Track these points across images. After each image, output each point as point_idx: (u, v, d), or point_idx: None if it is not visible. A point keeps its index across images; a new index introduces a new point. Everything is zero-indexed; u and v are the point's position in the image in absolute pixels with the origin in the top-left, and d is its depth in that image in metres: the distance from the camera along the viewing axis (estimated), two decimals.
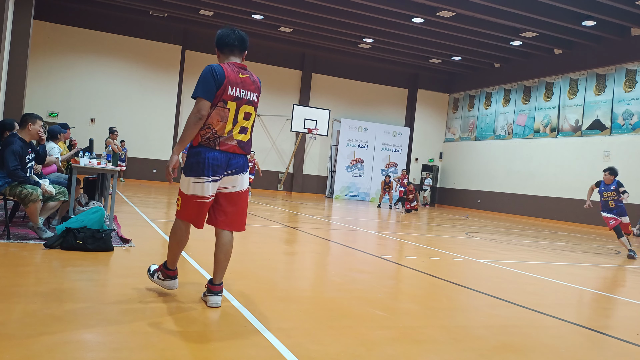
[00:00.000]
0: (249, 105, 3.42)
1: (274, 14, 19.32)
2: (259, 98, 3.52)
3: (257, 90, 3.50)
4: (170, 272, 3.61)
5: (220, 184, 3.38)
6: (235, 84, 3.36)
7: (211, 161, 3.30)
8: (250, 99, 3.43)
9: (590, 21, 17.31)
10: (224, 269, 3.48)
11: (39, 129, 5.54)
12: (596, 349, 3.44)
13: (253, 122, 3.51)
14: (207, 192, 3.34)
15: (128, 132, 21.08)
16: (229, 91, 3.32)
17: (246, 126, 3.43)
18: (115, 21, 21.31)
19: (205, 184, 3.32)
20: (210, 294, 3.44)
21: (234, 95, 3.35)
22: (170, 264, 3.59)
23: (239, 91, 3.37)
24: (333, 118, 25.06)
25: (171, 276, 3.61)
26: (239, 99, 3.37)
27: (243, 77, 3.40)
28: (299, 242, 7.72)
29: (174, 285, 3.64)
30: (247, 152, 3.47)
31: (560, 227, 17.25)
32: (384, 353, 2.85)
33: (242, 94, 3.38)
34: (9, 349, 2.41)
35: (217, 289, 3.44)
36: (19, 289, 3.51)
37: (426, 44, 21.68)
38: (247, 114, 3.42)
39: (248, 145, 3.47)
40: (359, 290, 4.47)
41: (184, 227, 3.51)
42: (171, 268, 3.60)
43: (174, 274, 3.61)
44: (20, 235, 5.41)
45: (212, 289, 3.44)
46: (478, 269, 6.40)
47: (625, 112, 18.00)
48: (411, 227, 12.30)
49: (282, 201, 17.85)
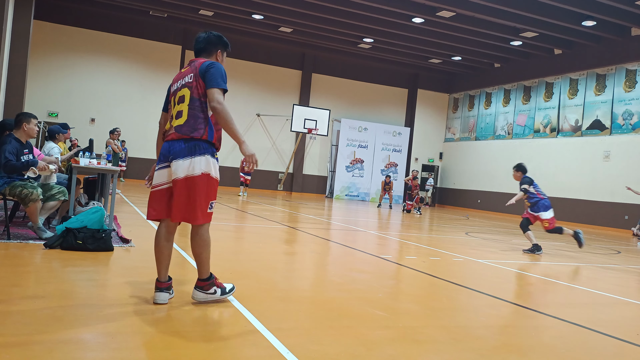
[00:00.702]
0: (181, 90, 3.39)
1: (274, 14, 19.33)
2: (196, 76, 3.34)
3: (193, 71, 3.38)
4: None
5: (172, 172, 3.32)
6: (175, 80, 3.48)
7: (160, 150, 3.44)
8: (183, 83, 3.39)
9: (590, 21, 17.31)
10: (198, 264, 3.44)
11: (34, 127, 5.54)
12: (596, 349, 3.44)
13: (192, 101, 3.33)
14: (155, 179, 3.40)
15: (128, 132, 21.08)
16: (170, 90, 3.50)
17: (181, 109, 3.35)
18: (115, 21, 21.32)
19: (155, 171, 3.43)
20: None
21: (172, 91, 3.48)
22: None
23: (174, 84, 3.46)
24: (333, 118, 25.06)
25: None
26: (175, 90, 3.44)
27: (183, 70, 3.47)
28: (299, 242, 7.71)
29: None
30: (187, 135, 3.28)
31: None
32: (384, 353, 2.85)
33: (177, 85, 3.43)
34: (8, 349, 2.41)
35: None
36: (19, 289, 3.51)
37: (426, 44, 21.68)
38: (181, 98, 3.37)
39: (186, 127, 3.30)
40: (359, 290, 4.47)
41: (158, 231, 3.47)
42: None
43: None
44: (20, 235, 5.41)
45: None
46: (478, 269, 6.40)
47: (625, 112, 18.00)
48: (411, 227, 12.30)
49: (282, 201, 17.85)
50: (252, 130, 23.71)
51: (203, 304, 3.44)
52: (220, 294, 3.51)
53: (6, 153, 5.19)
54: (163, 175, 3.36)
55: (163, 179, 3.36)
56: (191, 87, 3.34)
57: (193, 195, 3.27)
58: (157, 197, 3.38)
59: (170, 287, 3.48)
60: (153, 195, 3.39)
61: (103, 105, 21.24)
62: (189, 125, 3.29)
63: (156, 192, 3.38)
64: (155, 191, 3.39)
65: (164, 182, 3.36)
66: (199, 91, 3.33)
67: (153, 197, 3.39)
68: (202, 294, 3.44)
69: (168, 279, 3.44)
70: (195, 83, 3.33)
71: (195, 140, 3.28)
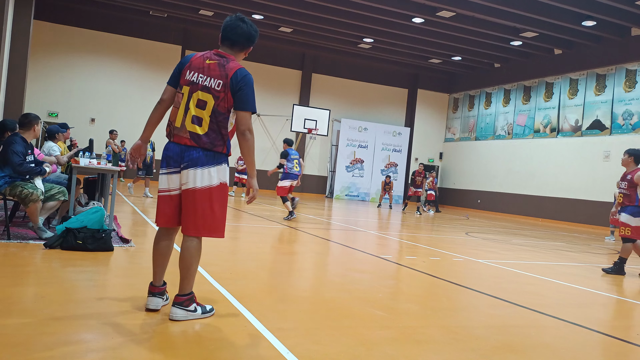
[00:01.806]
0: (204, 92, 3.06)
1: (274, 14, 19.33)
2: (225, 87, 3.04)
3: (222, 78, 3.05)
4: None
5: (182, 179, 3.13)
6: (196, 68, 3.11)
7: (165, 152, 3.16)
8: (207, 85, 3.06)
9: (590, 21, 17.31)
10: (184, 277, 3.14)
11: (40, 128, 5.71)
12: (596, 349, 3.44)
13: (215, 114, 3.06)
14: (162, 184, 3.16)
15: (128, 132, 21.06)
16: (186, 75, 3.12)
17: (200, 116, 3.06)
18: (115, 21, 21.32)
19: (161, 175, 3.18)
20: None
21: (189, 79, 3.10)
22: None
23: (197, 76, 3.09)
24: (333, 118, 25.05)
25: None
26: (194, 84, 3.08)
27: (210, 63, 3.11)
28: (299, 242, 7.71)
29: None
30: (203, 146, 3.06)
31: (560, 227, 17.25)
32: (384, 353, 2.85)
33: (198, 79, 3.08)
34: (8, 349, 2.41)
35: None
36: (19, 289, 3.51)
37: (426, 44, 21.67)
38: (202, 102, 3.05)
39: (206, 139, 3.06)
40: (359, 290, 4.47)
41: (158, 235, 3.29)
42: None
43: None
44: (20, 235, 5.41)
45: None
46: (478, 269, 6.40)
47: (625, 112, 17.99)
48: (411, 227, 12.30)
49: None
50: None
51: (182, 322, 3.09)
52: (200, 313, 3.17)
53: (19, 154, 5.22)
54: (174, 181, 3.14)
55: (174, 184, 3.14)
56: (217, 97, 3.05)
57: (212, 206, 3.09)
58: (166, 202, 3.17)
59: (164, 293, 3.30)
60: (161, 200, 3.17)
61: (103, 105, 21.24)
62: (210, 139, 3.07)
63: (165, 197, 3.16)
64: (164, 196, 3.17)
65: (175, 187, 3.14)
66: (226, 105, 3.07)
67: (161, 201, 3.17)
68: (182, 312, 3.09)
69: (163, 283, 3.28)
70: (224, 95, 3.05)
71: (214, 151, 3.10)
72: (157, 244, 3.26)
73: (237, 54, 3.24)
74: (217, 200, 3.12)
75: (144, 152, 3.31)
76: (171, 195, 3.16)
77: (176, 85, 3.18)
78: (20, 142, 5.32)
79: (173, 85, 3.19)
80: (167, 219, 3.18)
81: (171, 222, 3.19)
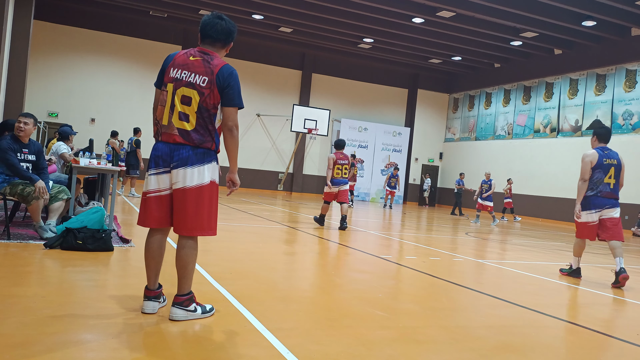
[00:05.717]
0: (188, 88, 3.03)
1: (274, 14, 19.33)
2: (212, 84, 3.03)
3: (208, 75, 3.04)
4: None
5: (173, 179, 3.09)
6: (180, 65, 3.10)
7: (153, 152, 3.13)
8: (192, 81, 3.04)
9: (590, 21, 17.31)
10: (182, 277, 3.12)
11: (19, 125, 5.44)
12: (596, 349, 3.44)
13: (200, 110, 3.04)
14: (152, 184, 3.11)
15: (128, 132, 21.06)
16: (170, 72, 3.10)
17: (187, 112, 3.04)
18: (115, 21, 21.32)
19: (150, 176, 3.13)
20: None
21: (173, 77, 3.08)
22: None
23: (180, 72, 3.08)
24: (333, 118, 25.06)
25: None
26: (178, 81, 3.06)
27: (194, 59, 3.10)
28: (299, 242, 7.71)
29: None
30: (193, 143, 3.05)
31: (560, 227, 17.25)
32: (384, 353, 2.85)
33: (182, 76, 3.06)
34: (8, 349, 2.41)
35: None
36: (19, 289, 3.50)
37: (426, 44, 21.68)
38: (186, 98, 3.03)
39: (195, 136, 3.04)
40: (359, 290, 4.47)
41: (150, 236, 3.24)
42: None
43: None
44: (20, 235, 5.41)
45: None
46: (478, 269, 6.40)
47: (625, 112, 17.99)
48: (411, 227, 12.30)
49: (282, 201, 17.84)
50: (252, 130, 23.71)
51: (183, 322, 3.08)
52: (201, 313, 3.16)
53: (6, 149, 5.24)
54: (164, 181, 3.10)
55: (164, 184, 3.10)
56: (203, 94, 3.03)
57: (204, 205, 3.07)
58: (155, 203, 3.11)
59: (161, 295, 3.25)
60: (151, 201, 3.11)
61: (103, 105, 21.24)
62: (199, 135, 3.05)
63: (154, 198, 3.11)
64: (154, 197, 3.11)
65: (165, 187, 3.10)
66: (212, 102, 3.05)
67: (151, 202, 3.11)
68: (182, 312, 3.08)
69: (158, 286, 3.23)
70: (209, 92, 3.04)
71: (204, 148, 3.08)
72: (148, 246, 3.21)
73: (219, 50, 3.26)
74: (208, 199, 3.10)
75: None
76: (161, 196, 3.12)
77: (160, 87, 3.18)
78: (7, 138, 5.37)
79: (159, 87, 3.19)
80: (157, 220, 3.13)
81: (162, 222, 3.14)
